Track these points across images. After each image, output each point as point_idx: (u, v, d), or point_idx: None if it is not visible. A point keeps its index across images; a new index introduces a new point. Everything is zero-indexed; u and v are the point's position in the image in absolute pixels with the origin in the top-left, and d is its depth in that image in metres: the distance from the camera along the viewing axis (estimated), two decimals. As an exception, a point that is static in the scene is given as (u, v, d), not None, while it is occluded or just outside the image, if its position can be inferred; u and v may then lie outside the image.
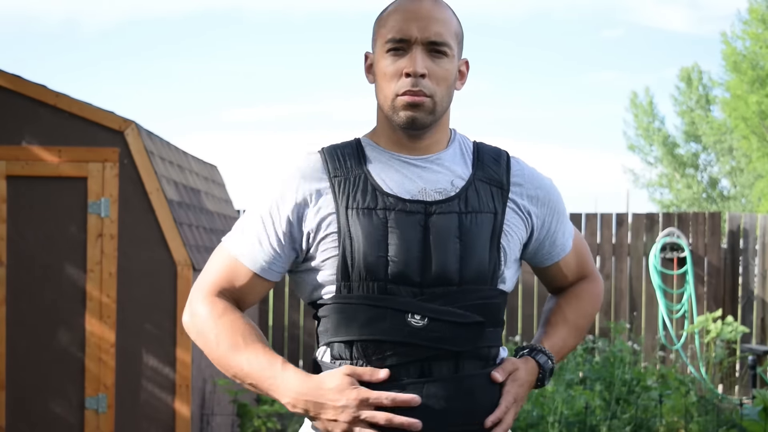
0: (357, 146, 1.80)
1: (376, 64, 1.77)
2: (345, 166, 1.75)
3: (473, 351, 1.71)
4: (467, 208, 1.73)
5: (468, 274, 1.70)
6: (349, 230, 1.70)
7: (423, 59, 1.71)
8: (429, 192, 1.74)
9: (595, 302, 1.97)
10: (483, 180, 1.78)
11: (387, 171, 1.75)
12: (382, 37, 1.76)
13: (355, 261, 1.69)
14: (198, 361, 5.11)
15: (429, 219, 1.71)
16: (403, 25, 1.72)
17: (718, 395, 6.72)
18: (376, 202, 1.71)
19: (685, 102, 28.82)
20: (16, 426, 4.90)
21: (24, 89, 4.91)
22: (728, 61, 20.64)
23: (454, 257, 1.69)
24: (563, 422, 5.27)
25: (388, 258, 1.68)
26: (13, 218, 4.90)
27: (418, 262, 1.68)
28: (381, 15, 1.79)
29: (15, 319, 4.89)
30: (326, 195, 1.73)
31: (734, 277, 8.39)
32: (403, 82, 1.72)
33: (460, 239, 1.70)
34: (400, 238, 1.69)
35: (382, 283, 1.68)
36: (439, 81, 1.73)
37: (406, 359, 1.67)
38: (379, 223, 1.70)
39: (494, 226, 1.74)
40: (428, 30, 1.71)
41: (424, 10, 1.73)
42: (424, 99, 1.72)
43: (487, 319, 1.72)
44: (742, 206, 27.67)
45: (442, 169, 1.77)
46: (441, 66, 1.73)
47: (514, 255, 1.79)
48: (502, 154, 1.85)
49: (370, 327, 1.68)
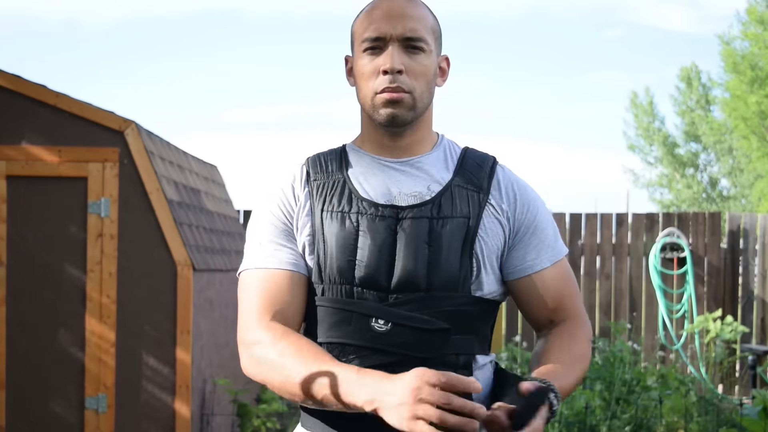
0: (341, 152, 1.82)
1: (355, 66, 1.78)
2: (326, 171, 1.78)
3: (439, 358, 1.67)
4: (439, 214, 1.71)
5: (436, 280, 1.68)
6: (323, 233, 1.71)
7: (399, 55, 1.71)
8: (403, 196, 1.73)
9: (587, 347, 1.80)
10: (461, 185, 1.75)
11: (366, 175, 1.76)
12: (358, 37, 1.77)
13: (327, 264, 1.70)
14: (198, 361, 5.11)
15: (400, 224, 1.70)
16: (378, 24, 1.72)
17: (718, 395, 6.73)
18: (350, 206, 1.72)
19: (684, 102, 28.83)
20: (16, 426, 4.90)
21: (24, 89, 4.91)
22: (727, 61, 20.65)
23: (422, 263, 1.68)
24: (563, 422, 5.27)
25: (356, 262, 1.68)
26: (13, 218, 4.90)
27: (386, 267, 1.68)
28: (357, 17, 1.80)
29: (15, 319, 4.89)
30: (307, 200, 1.76)
31: (734, 277, 8.39)
32: (381, 80, 1.72)
33: (429, 245, 1.69)
34: (369, 243, 1.69)
35: (350, 287, 1.69)
36: (418, 76, 1.73)
37: (369, 363, 1.64)
38: (350, 227, 1.70)
39: (467, 232, 1.71)
40: (403, 26, 1.72)
41: (397, 7, 1.73)
42: (403, 95, 1.72)
43: (455, 326, 1.68)
44: (742, 206, 27.67)
45: (421, 173, 1.76)
46: (418, 62, 1.73)
47: (491, 261, 1.75)
48: (488, 159, 1.81)
49: (337, 330, 1.69)
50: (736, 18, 25.92)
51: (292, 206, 1.77)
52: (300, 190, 1.78)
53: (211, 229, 5.87)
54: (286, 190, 1.79)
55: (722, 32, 23.85)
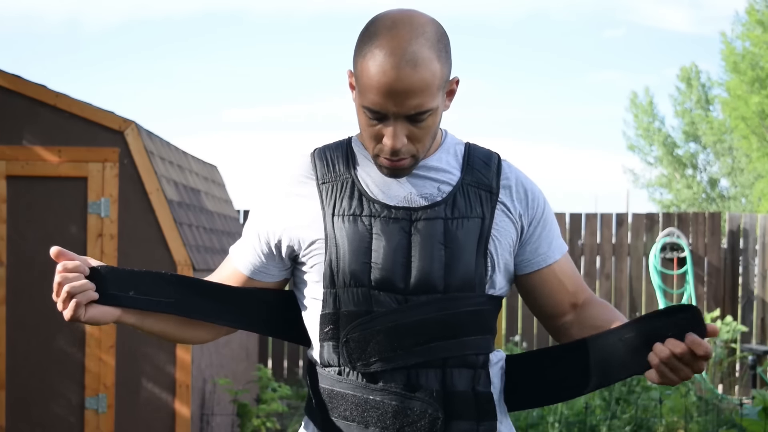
0: (347, 148, 1.78)
1: (357, 110, 1.70)
2: (334, 171, 1.74)
3: (460, 358, 1.69)
4: (453, 214, 1.70)
5: (453, 281, 1.68)
6: (335, 237, 1.69)
7: (402, 129, 1.63)
8: (414, 198, 1.71)
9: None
10: (472, 184, 1.75)
11: (374, 175, 1.73)
12: (358, 89, 1.66)
13: (340, 267, 1.68)
14: (198, 361, 5.11)
15: (414, 225, 1.69)
16: (380, 99, 1.60)
17: (718, 395, 6.73)
18: (362, 209, 1.70)
19: (684, 102, 28.82)
20: (16, 426, 4.90)
21: (24, 89, 4.91)
22: (728, 61, 20.65)
23: (439, 264, 1.67)
24: (563, 422, 5.28)
25: (371, 264, 1.67)
26: (13, 218, 4.90)
27: (402, 269, 1.67)
28: (361, 53, 1.64)
29: (15, 319, 4.89)
30: (314, 201, 1.73)
31: (734, 277, 8.39)
32: (382, 149, 1.66)
33: (446, 246, 1.68)
34: (384, 245, 1.67)
35: (366, 290, 1.67)
36: (422, 138, 1.66)
37: (391, 365, 1.66)
38: (363, 229, 1.68)
39: (481, 232, 1.71)
40: (408, 105, 1.60)
41: (401, 83, 1.58)
42: (405, 162, 1.68)
43: (473, 326, 1.70)
44: (742, 206, 27.66)
45: (429, 173, 1.74)
46: (423, 127, 1.65)
47: (504, 259, 1.75)
48: (493, 157, 1.80)
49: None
50: (736, 19, 25.92)
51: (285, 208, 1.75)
52: (302, 187, 1.75)
53: (211, 229, 5.87)
54: (282, 191, 1.77)
55: (724, 30, 23.89)
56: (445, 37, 1.66)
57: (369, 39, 1.62)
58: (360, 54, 1.64)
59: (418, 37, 1.60)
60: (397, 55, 1.58)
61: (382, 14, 1.66)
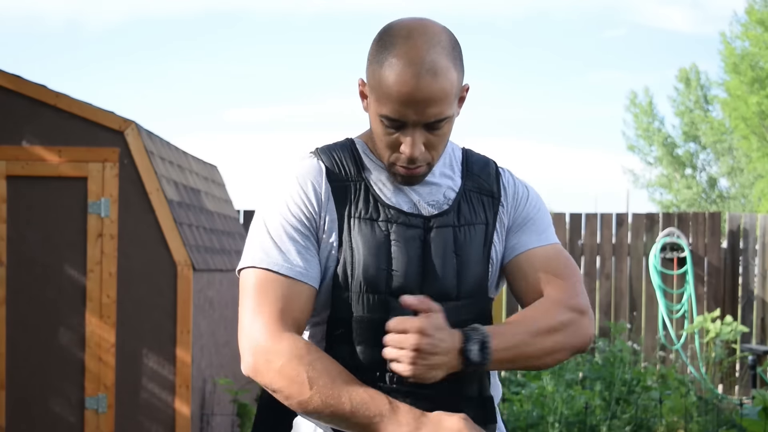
0: (353, 152, 1.74)
1: (369, 111, 1.68)
2: (344, 172, 1.71)
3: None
4: (460, 221, 1.71)
5: (465, 288, 1.68)
6: (350, 240, 1.65)
7: (420, 137, 1.63)
8: (423, 205, 1.71)
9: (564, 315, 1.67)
10: (473, 190, 1.75)
11: (384, 181, 1.72)
12: (375, 97, 1.63)
13: (354, 272, 1.64)
14: (198, 361, 5.11)
15: (428, 233, 1.68)
16: (400, 108, 1.59)
17: (717, 395, 6.73)
18: (378, 214, 1.68)
19: (683, 102, 28.83)
20: (16, 426, 4.90)
21: (24, 89, 4.91)
22: (727, 62, 20.65)
23: (452, 272, 1.67)
24: (563, 422, 5.27)
25: (391, 272, 1.65)
26: (13, 218, 4.90)
27: (419, 277, 1.66)
28: (377, 63, 1.62)
29: (15, 319, 4.89)
30: (329, 201, 1.68)
31: (734, 277, 8.39)
32: (399, 157, 1.65)
33: (457, 254, 1.68)
34: (403, 252, 1.65)
35: (383, 296, 1.64)
36: (438, 145, 1.66)
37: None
38: (381, 235, 1.66)
39: (486, 238, 1.72)
40: (428, 113, 1.60)
41: (422, 92, 1.57)
42: (421, 169, 1.68)
43: None
44: (742, 206, 27.67)
45: (434, 180, 1.74)
46: (439, 135, 1.65)
47: (500, 262, 1.77)
48: (490, 164, 1.81)
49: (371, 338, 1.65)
50: (735, 19, 25.92)
51: (314, 205, 1.67)
52: (316, 188, 1.68)
53: (211, 229, 5.87)
54: (307, 187, 1.68)
55: (724, 31, 23.87)
56: (458, 46, 1.66)
57: (385, 48, 1.61)
58: (376, 63, 1.62)
59: (435, 46, 1.59)
60: (417, 64, 1.57)
61: (395, 23, 1.65)
